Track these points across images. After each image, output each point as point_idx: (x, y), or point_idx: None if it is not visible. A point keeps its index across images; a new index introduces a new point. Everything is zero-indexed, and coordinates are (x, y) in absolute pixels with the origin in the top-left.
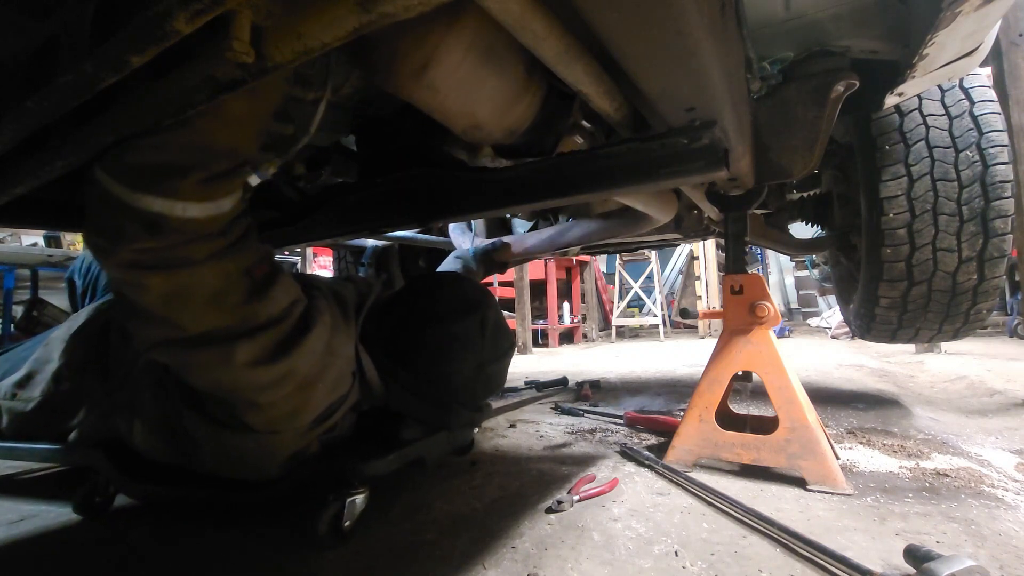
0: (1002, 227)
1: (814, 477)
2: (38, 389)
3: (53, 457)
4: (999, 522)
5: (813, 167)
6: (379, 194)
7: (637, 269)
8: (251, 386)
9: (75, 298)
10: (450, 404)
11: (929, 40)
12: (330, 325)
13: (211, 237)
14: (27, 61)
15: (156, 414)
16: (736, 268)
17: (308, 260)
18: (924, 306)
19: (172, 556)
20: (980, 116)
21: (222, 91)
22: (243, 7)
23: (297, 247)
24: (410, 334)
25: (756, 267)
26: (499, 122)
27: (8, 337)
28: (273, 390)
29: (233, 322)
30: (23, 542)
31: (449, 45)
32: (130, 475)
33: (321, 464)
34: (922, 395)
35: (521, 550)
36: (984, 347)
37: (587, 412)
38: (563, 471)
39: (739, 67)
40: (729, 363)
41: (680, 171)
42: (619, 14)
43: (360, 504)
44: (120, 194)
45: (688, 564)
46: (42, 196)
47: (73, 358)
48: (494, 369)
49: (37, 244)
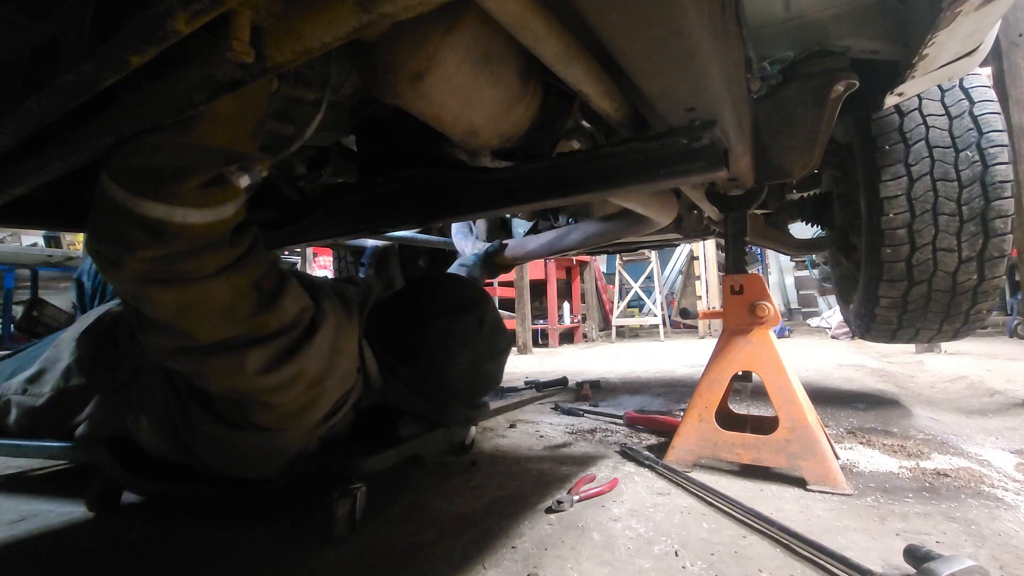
0: (1002, 227)
1: (814, 477)
2: (49, 385)
3: (60, 454)
4: (999, 522)
5: (813, 167)
6: (379, 194)
7: (637, 269)
8: (263, 389)
9: (83, 299)
10: (447, 400)
11: (929, 40)
12: (335, 325)
13: (219, 249)
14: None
15: (164, 412)
16: (736, 268)
17: (308, 260)
18: (924, 306)
19: (173, 554)
20: (980, 116)
21: (222, 91)
22: (243, 7)
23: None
24: (409, 331)
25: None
26: (496, 128)
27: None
28: (284, 391)
29: (245, 332)
30: (23, 542)
31: (444, 54)
32: (134, 472)
33: (320, 461)
34: (922, 395)
35: (521, 550)
36: (984, 347)
37: (587, 412)
38: (563, 471)
39: (739, 67)
40: (729, 363)
41: (680, 171)
42: (619, 14)
43: (360, 500)
44: (122, 200)
45: (688, 564)
46: (42, 196)
47: (83, 355)
48: (490, 366)
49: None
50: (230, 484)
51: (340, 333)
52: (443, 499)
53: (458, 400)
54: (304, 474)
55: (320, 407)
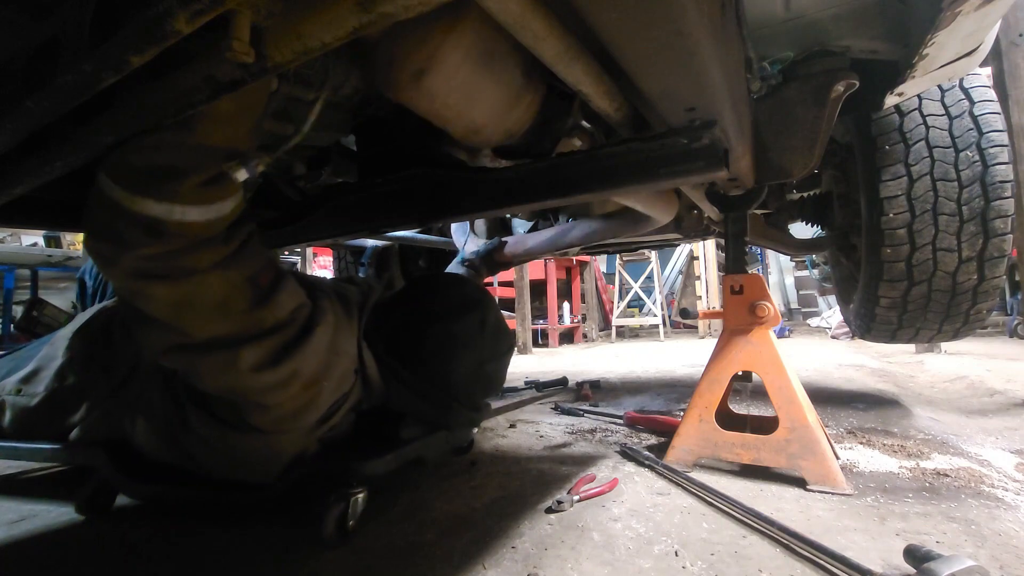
0: (1002, 227)
1: (814, 477)
2: (42, 385)
3: (55, 457)
4: (999, 522)
5: (813, 167)
6: (379, 194)
7: (637, 269)
8: (257, 388)
9: (85, 298)
10: (449, 403)
11: (929, 40)
12: (333, 324)
13: (214, 245)
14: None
15: (161, 414)
16: (736, 268)
17: (308, 260)
18: (924, 306)
19: (171, 556)
20: (980, 116)
21: (222, 91)
22: (243, 7)
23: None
24: (411, 333)
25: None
26: (497, 126)
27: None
28: (279, 391)
29: (239, 328)
30: (23, 542)
31: (445, 52)
32: (130, 475)
33: (321, 463)
34: (922, 395)
35: (521, 550)
36: (984, 347)
37: (587, 412)
38: (563, 471)
39: (739, 67)
40: (729, 363)
41: (680, 171)
42: (619, 14)
43: (361, 503)
44: (120, 198)
45: (688, 564)
46: (42, 196)
47: (77, 355)
48: (493, 368)
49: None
50: (228, 488)
51: (338, 333)
52: (443, 499)
53: (460, 403)
54: (304, 478)
55: (316, 408)
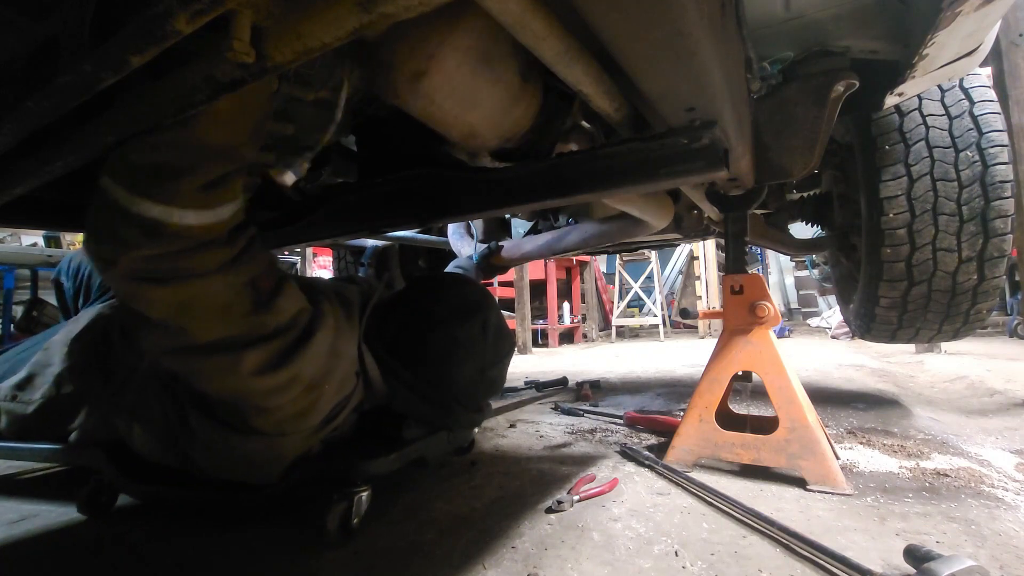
0: (1002, 227)
1: (814, 477)
2: (39, 392)
3: (55, 457)
4: (999, 522)
5: (813, 167)
6: (379, 194)
7: (637, 269)
8: (259, 391)
9: (64, 300)
10: (451, 405)
11: (929, 40)
12: (334, 327)
13: (215, 248)
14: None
15: (161, 418)
16: (736, 268)
17: (308, 260)
18: (924, 306)
19: (172, 556)
20: (980, 116)
21: (222, 91)
22: (243, 7)
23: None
24: (413, 336)
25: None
26: (496, 128)
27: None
28: (280, 394)
29: (241, 332)
30: (23, 542)
31: (445, 53)
32: (131, 475)
33: (324, 463)
34: (922, 395)
35: (521, 550)
36: (984, 347)
37: (587, 412)
38: (563, 471)
39: (739, 67)
40: (729, 363)
41: (680, 171)
42: (619, 14)
43: (365, 502)
44: (120, 199)
45: (688, 564)
46: (42, 196)
47: (75, 362)
48: (495, 372)
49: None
50: (230, 488)
51: (339, 336)
52: (443, 499)
53: (462, 405)
54: (307, 477)
55: (318, 411)
